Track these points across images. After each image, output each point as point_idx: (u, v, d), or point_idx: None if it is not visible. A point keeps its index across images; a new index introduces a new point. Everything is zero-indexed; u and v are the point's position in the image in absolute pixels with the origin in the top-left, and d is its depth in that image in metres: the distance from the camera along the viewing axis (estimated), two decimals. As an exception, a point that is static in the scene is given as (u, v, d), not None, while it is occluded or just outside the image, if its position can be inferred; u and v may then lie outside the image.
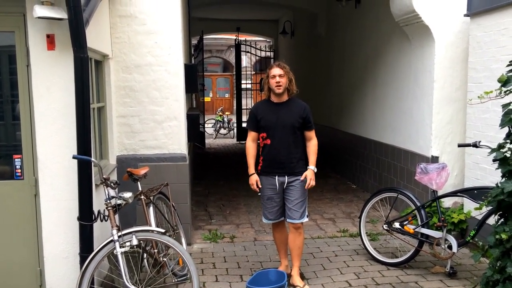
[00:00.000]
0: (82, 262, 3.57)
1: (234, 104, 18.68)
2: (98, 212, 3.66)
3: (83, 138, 3.56)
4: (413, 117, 6.19)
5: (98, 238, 3.80)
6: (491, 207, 3.59)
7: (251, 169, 4.34)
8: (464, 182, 5.46)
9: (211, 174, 9.63)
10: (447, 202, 5.65)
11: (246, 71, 18.92)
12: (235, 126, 15.73)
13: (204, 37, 13.33)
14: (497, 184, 3.01)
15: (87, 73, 3.55)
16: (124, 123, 5.07)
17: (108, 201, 3.58)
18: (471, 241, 4.51)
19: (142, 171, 4.31)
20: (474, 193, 4.38)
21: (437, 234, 4.51)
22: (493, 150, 3.08)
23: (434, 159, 5.65)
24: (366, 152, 7.89)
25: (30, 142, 3.75)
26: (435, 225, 4.59)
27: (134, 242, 3.46)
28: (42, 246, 3.79)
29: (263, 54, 16.13)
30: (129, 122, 5.07)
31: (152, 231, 3.61)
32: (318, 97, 10.79)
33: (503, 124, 2.98)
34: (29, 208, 3.80)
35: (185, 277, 3.92)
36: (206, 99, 21.81)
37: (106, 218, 3.63)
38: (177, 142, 5.16)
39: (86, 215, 3.60)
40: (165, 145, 5.14)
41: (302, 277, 4.46)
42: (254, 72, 22.60)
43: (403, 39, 6.35)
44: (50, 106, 3.67)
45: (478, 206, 4.05)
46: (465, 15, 5.45)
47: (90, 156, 3.59)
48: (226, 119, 17.60)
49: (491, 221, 3.54)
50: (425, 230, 4.57)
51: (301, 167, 4.25)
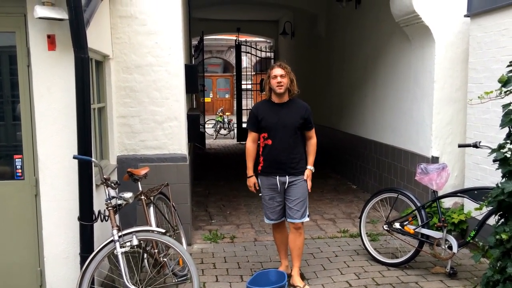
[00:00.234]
0: (82, 262, 3.57)
1: (235, 104, 18.66)
2: (99, 212, 3.67)
3: (84, 138, 3.56)
4: (413, 117, 6.19)
5: (99, 238, 3.80)
6: (491, 208, 3.59)
7: (250, 171, 4.36)
8: (464, 183, 5.46)
9: (212, 175, 9.63)
10: (448, 203, 5.66)
11: (246, 72, 18.90)
12: (235, 126, 15.74)
13: (204, 37, 13.33)
14: (497, 184, 3.01)
15: (88, 73, 3.56)
16: (124, 124, 5.08)
17: (108, 201, 3.58)
18: (472, 241, 4.51)
19: (143, 171, 4.31)
20: (475, 193, 4.38)
21: (437, 234, 4.51)
22: (493, 151, 3.08)
23: (434, 160, 5.65)
24: (366, 152, 7.89)
25: (31, 142, 3.75)
26: (436, 225, 4.59)
27: (135, 242, 3.47)
28: (42, 246, 3.79)
29: (264, 54, 16.11)
30: (129, 123, 5.08)
31: (152, 231, 3.62)
32: (318, 97, 10.79)
33: (503, 124, 2.98)
34: (29, 208, 3.80)
35: (185, 277, 3.91)
36: (207, 100, 21.82)
37: (106, 218, 3.63)
38: (177, 143, 5.16)
39: (87, 215, 3.61)
40: (165, 145, 5.15)
41: (302, 277, 4.46)
42: (254, 72, 22.56)
43: (403, 40, 6.35)
44: (50, 106, 3.67)
45: (478, 206, 4.04)
46: (465, 16, 5.45)
47: (91, 156, 3.59)
48: (226, 120, 17.60)
49: (492, 221, 3.54)
50: (425, 231, 4.57)
51: (301, 167, 4.26)
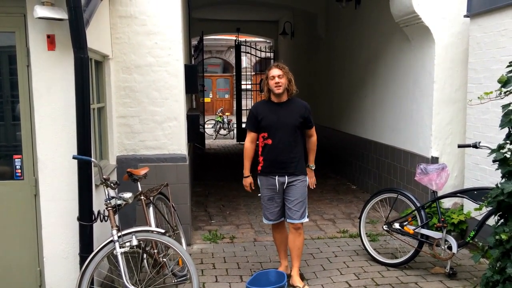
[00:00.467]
0: (82, 262, 3.57)
1: (234, 104, 18.68)
2: (98, 212, 3.66)
3: (83, 138, 3.56)
4: (413, 118, 6.19)
5: (98, 239, 3.80)
6: (491, 208, 3.59)
7: (247, 171, 4.37)
8: (464, 183, 5.46)
9: (211, 175, 9.62)
10: (447, 203, 5.66)
11: (246, 72, 18.93)
12: (235, 126, 15.74)
13: (204, 37, 13.32)
14: (497, 184, 3.01)
15: (87, 73, 3.55)
16: (124, 124, 5.08)
17: (108, 201, 3.58)
18: (471, 241, 4.51)
19: (142, 172, 4.31)
20: (474, 193, 4.38)
21: (437, 234, 4.51)
22: (493, 151, 3.08)
23: (434, 160, 5.65)
24: (366, 152, 7.89)
25: (30, 142, 3.75)
26: (435, 225, 4.59)
27: (134, 242, 3.47)
28: (42, 246, 3.79)
29: (263, 55, 16.12)
30: (129, 123, 5.08)
31: (152, 232, 3.61)
32: (318, 97, 10.80)
33: (503, 125, 2.98)
34: (29, 208, 3.80)
35: (184, 277, 3.90)
36: (206, 100, 21.81)
37: (106, 218, 3.63)
38: (177, 143, 5.16)
39: (86, 215, 3.60)
40: (165, 145, 5.15)
41: (302, 277, 4.46)
42: (254, 73, 22.60)
43: (403, 40, 6.35)
44: (50, 106, 3.67)
45: (478, 206, 4.03)
46: (465, 16, 5.45)
47: (90, 156, 3.59)
48: (226, 120, 17.60)
49: (491, 221, 3.54)
50: (425, 231, 4.57)
51: (301, 167, 4.27)
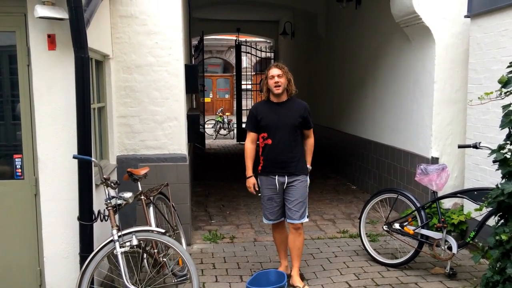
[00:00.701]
0: (82, 262, 3.57)
1: (234, 104, 18.67)
2: (98, 212, 3.66)
3: (84, 138, 3.56)
4: (413, 118, 6.19)
5: (98, 238, 3.80)
6: (491, 208, 3.59)
7: (249, 171, 4.35)
8: (464, 183, 5.46)
9: (211, 175, 9.62)
10: (447, 203, 5.66)
11: (246, 72, 18.90)
12: (235, 126, 15.74)
13: (204, 37, 13.32)
14: (497, 185, 3.01)
15: (88, 73, 3.55)
16: (124, 123, 5.08)
17: (108, 201, 3.58)
18: (471, 242, 4.51)
19: (142, 171, 4.31)
20: (474, 194, 4.38)
21: (437, 235, 4.51)
22: (493, 151, 3.08)
23: (434, 160, 5.65)
24: (366, 153, 7.89)
25: (31, 142, 3.75)
26: (435, 226, 4.59)
27: (134, 242, 3.46)
28: (42, 246, 3.79)
29: (264, 55, 16.11)
30: (129, 122, 5.08)
31: (152, 231, 3.61)
32: (318, 98, 10.80)
33: (503, 125, 2.98)
34: (29, 208, 3.80)
35: (185, 277, 3.91)
36: (206, 100, 21.81)
37: (106, 218, 3.63)
38: (177, 143, 5.16)
39: (86, 215, 3.60)
40: (165, 145, 5.15)
41: (302, 277, 4.46)
42: (254, 73, 22.56)
43: (404, 40, 6.35)
44: (50, 106, 3.67)
45: (478, 207, 4.02)
46: (465, 16, 5.45)
47: (91, 156, 3.59)
48: (226, 120, 17.60)
49: (491, 222, 3.55)
50: (425, 231, 4.57)
51: (301, 167, 4.27)
